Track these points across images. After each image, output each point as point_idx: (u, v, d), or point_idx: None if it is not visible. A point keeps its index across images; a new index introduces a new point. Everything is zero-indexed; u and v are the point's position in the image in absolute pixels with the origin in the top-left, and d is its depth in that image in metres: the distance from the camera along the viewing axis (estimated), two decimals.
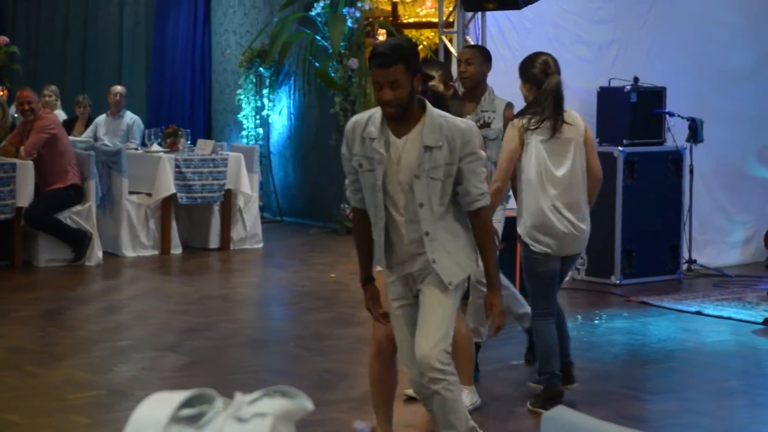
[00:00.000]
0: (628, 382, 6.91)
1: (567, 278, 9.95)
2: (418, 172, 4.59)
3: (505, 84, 9.49)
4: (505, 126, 6.63)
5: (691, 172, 10.14)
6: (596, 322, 8.52)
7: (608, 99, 9.96)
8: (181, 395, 1.84)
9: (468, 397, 6.05)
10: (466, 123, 4.75)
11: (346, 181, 4.84)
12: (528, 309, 6.70)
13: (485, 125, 6.83)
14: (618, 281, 9.77)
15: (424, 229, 4.65)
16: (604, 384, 6.81)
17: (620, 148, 9.76)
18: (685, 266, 10.21)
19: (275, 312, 9.26)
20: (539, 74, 6.12)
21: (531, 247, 6.08)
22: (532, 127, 6.05)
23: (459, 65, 7.03)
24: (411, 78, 4.55)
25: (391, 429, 5.54)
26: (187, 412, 1.83)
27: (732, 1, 10.83)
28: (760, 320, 8.43)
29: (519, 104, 6.62)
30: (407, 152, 4.61)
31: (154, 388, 5.96)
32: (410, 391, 6.20)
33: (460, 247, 4.72)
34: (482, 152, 4.73)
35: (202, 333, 7.98)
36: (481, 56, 7.06)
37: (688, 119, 10.06)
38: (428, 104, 4.65)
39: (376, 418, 5.52)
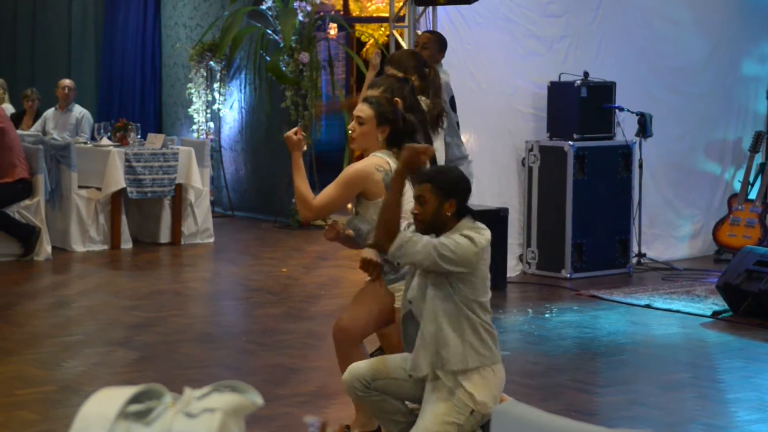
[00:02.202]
0: (579, 375, 6.95)
1: (518, 272, 10.05)
2: None
3: (457, 79, 9.54)
4: None
5: (641, 166, 10.21)
6: (547, 315, 8.56)
7: (558, 94, 10.01)
8: (129, 390, 1.82)
9: None
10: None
11: None
12: None
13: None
14: (568, 275, 9.83)
15: None
16: (555, 377, 6.84)
17: (570, 142, 9.82)
18: (634, 260, 10.29)
19: (226, 307, 9.23)
20: None
21: None
22: None
23: (415, 47, 7.04)
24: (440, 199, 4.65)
25: (371, 417, 5.55)
26: (135, 407, 1.81)
27: None
28: (709, 313, 8.52)
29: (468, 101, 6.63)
30: None
31: (103, 383, 5.92)
32: None
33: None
34: None
35: (152, 328, 7.94)
36: (437, 44, 7.07)
37: (637, 114, 10.13)
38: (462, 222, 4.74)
39: (355, 406, 5.55)
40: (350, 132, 5.36)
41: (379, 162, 5.26)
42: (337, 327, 5.47)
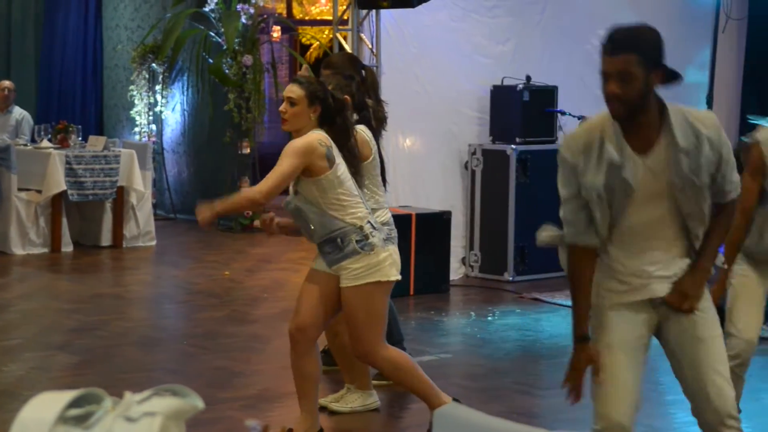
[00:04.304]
0: (521, 377, 6.99)
1: (461, 275, 10.08)
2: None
3: (403, 82, 9.57)
4: None
5: None
6: (489, 318, 8.60)
7: (501, 98, 10.06)
8: (68, 395, 1.81)
9: (362, 398, 6.09)
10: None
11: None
12: None
13: None
14: (511, 278, 9.87)
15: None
16: (497, 380, 6.87)
17: (513, 146, 9.87)
18: None
19: (168, 310, 9.17)
20: None
21: None
22: None
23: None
24: (647, 71, 3.79)
25: (316, 419, 5.55)
26: (74, 412, 1.80)
27: (626, 0, 11.00)
28: None
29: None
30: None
31: (43, 387, 5.86)
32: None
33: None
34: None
35: (93, 332, 7.87)
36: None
37: (579, 118, 10.20)
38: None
39: (300, 408, 5.54)
40: (282, 114, 5.35)
41: (320, 137, 5.26)
42: (295, 327, 5.48)
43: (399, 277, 5.42)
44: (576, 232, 4.10)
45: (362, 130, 5.99)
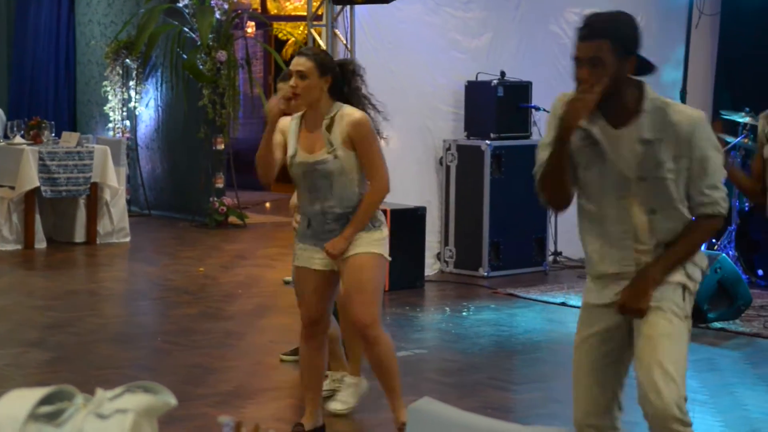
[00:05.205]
0: (495, 372, 7.00)
1: (435, 271, 10.08)
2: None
3: (378, 77, 9.53)
4: None
5: None
6: (464, 314, 8.61)
7: (475, 93, 10.08)
8: (39, 392, 1.80)
9: (354, 391, 6.07)
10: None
11: None
12: None
13: None
14: (486, 273, 9.89)
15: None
16: (472, 375, 6.88)
17: (487, 141, 9.88)
18: (550, 258, 10.39)
19: (143, 306, 9.14)
20: None
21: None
22: None
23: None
24: (620, 58, 3.75)
25: (319, 413, 5.55)
26: (45, 409, 1.79)
27: None
28: None
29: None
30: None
31: (16, 384, 5.82)
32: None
33: None
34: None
35: (67, 328, 7.83)
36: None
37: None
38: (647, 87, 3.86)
39: (305, 400, 5.55)
40: (293, 88, 5.21)
41: (362, 114, 5.27)
42: (309, 322, 5.44)
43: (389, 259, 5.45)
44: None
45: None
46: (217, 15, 12.36)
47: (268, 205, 14.64)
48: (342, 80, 5.32)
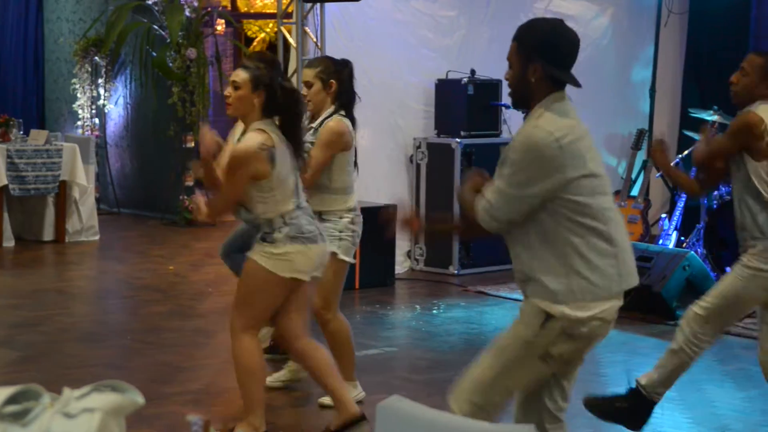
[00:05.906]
0: (465, 370, 6.99)
1: (406, 269, 10.09)
2: None
3: None
4: None
5: None
6: (434, 311, 8.62)
7: (446, 91, 10.09)
8: (5, 391, 1.79)
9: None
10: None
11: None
12: None
13: None
14: (456, 271, 9.90)
15: None
16: (441, 373, 6.88)
17: (458, 139, 9.90)
18: None
19: (112, 305, 9.11)
20: None
21: None
22: None
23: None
24: (524, 63, 3.98)
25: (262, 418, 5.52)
26: (11, 408, 1.78)
27: None
28: None
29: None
30: None
31: None
32: (326, 399, 5.99)
33: None
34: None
35: (35, 327, 7.79)
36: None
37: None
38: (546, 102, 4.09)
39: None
40: (226, 97, 5.22)
41: (262, 139, 5.12)
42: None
43: (290, 276, 5.23)
44: None
45: (341, 120, 5.97)
46: (187, 13, 12.32)
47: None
48: (281, 99, 5.21)
